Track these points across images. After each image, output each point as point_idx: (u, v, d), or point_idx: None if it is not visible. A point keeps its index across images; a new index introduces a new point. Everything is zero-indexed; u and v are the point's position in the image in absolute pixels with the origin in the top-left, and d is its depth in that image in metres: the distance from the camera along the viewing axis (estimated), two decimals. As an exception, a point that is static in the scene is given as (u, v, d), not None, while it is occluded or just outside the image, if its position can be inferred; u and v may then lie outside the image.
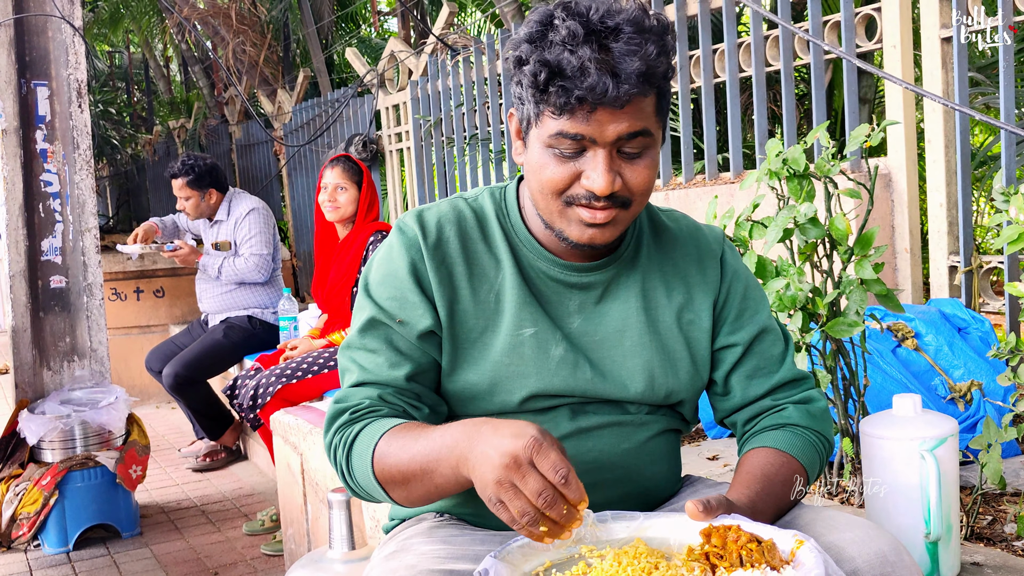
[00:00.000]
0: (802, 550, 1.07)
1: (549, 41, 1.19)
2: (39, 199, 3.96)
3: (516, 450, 1.04)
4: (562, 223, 1.28)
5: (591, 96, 1.16)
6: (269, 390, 3.55)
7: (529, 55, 1.21)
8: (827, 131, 3.87)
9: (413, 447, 1.17)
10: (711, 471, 2.30)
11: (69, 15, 3.97)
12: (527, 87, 1.22)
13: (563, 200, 1.26)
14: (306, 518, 3.06)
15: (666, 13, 3.64)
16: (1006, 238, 1.69)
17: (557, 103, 1.19)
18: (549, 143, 1.23)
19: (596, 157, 1.22)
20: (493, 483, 1.05)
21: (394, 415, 1.28)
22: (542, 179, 1.25)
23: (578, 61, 1.16)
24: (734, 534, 1.09)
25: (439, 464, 1.14)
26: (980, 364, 2.33)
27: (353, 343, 1.34)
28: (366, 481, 1.23)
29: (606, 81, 1.16)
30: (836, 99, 4.79)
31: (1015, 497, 1.98)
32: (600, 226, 1.26)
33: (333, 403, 1.31)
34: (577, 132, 1.20)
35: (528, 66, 1.21)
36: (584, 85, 1.16)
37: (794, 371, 1.43)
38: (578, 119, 1.19)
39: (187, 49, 10.54)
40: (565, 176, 1.23)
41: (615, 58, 1.17)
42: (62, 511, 3.70)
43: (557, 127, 1.21)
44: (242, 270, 4.73)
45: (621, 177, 1.23)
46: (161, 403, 6.49)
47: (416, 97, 5.70)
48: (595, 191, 1.22)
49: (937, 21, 2.77)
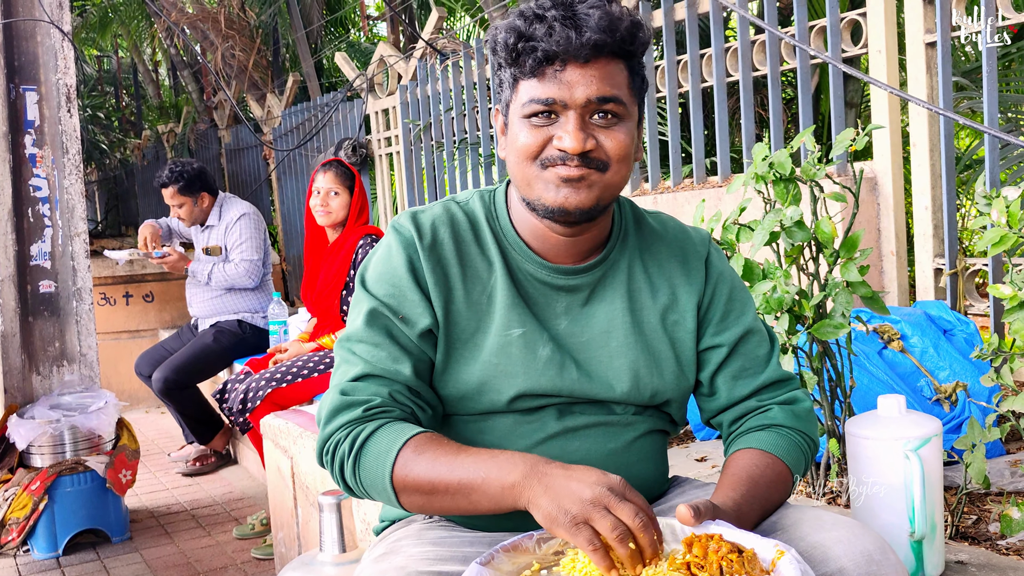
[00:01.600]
0: (783, 561, 1.08)
1: (520, 13, 1.27)
2: (28, 204, 3.95)
3: (611, 483, 1.10)
4: (539, 187, 1.30)
5: (556, 47, 1.23)
6: (259, 394, 3.55)
7: (502, 27, 1.29)
8: (814, 135, 3.90)
9: (453, 461, 1.19)
10: (699, 472, 2.32)
11: (58, 20, 3.97)
12: (501, 55, 1.29)
13: (538, 163, 1.29)
14: (296, 521, 3.06)
15: (653, 18, 3.66)
16: (988, 240, 1.71)
17: (527, 64, 1.25)
18: (524, 112, 1.28)
19: (567, 119, 1.26)
20: (586, 503, 1.08)
21: (404, 416, 1.29)
22: (518, 146, 1.30)
23: (544, 25, 1.24)
24: (715, 544, 1.09)
25: (485, 483, 1.16)
26: (965, 365, 2.35)
27: (353, 335, 1.34)
28: (376, 482, 1.23)
29: (570, 33, 1.23)
30: (823, 103, 4.81)
31: (999, 496, 2.00)
32: (574, 183, 1.27)
33: (338, 393, 1.30)
34: (548, 96, 1.25)
35: (501, 35, 1.28)
36: (550, 40, 1.23)
37: (779, 372, 1.45)
38: (548, 80, 1.25)
39: (176, 53, 10.52)
40: (539, 140, 1.28)
41: (579, 16, 1.24)
42: (51, 516, 3.69)
43: (529, 93, 1.26)
44: (232, 276, 4.73)
45: (595, 140, 1.27)
46: (151, 407, 6.48)
47: (405, 101, 5.71)
48: (567, 149, 1.25)
49: (922, 26, 2.80)
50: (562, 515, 1.08)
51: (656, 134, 3.86)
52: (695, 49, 3.57)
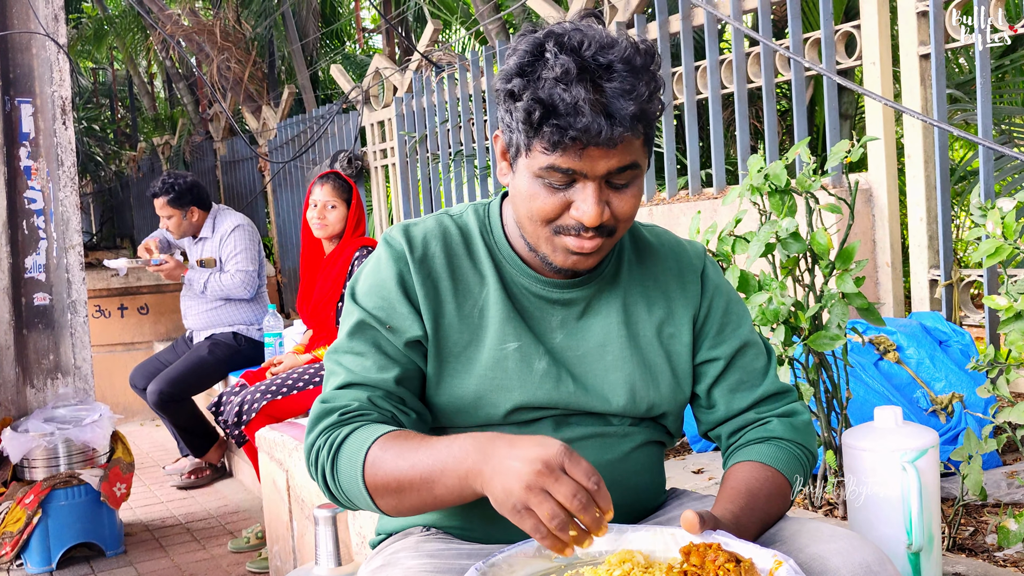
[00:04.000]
0: (780, 571, 1.08)
1: (541, 77, 1.19)
2: (23, 216, 3.95)
3: (548, 456, 1.04)
4: (547, 249, 1.30)
5: (585, 137, 1.18)
6: (254, 406, 3.54)
7: (522, 90, 1.21)
8: (809, 147, 3.90)
9: (413, 455, 1.16)
10: (696, 484, 2.31)
11: (54, 32, 3.97)
12: (519, 121, 1.22)
13: (552, 229, 1.28)
14: (292, 535, 3.05)
15: (648, 30, 3.68)
16: (983, 252, 1.72)
17: (551, 140, 1.20)
18: (539, 174, 1.24)
19: (586, 190, 1.23)
20: (522, 489, 1.03)
21: (383, 420, 1.28)
22: (532, 208, 1.27)
23: (572, 100, 1.17)
24: (713, 553, 1.09)
25: (443, 474, 1.13)
26: (961, 376, 2.35)
27: (340, 347, 1.34)
28: (352, 486, 1.22)
29: (600, 122, 1.17)
30: (818, 115, 4.83)
31: (996, 508, 2.00)
32: (585, 255, 1.29)
33: (318, 403, 1.30)
34: (569, 167, 1.22)
35: (521, 102, 1.21)
36: (578, 126, 1.17)
37: (777, 384, 1.45)
38: (570, 155, 1.20)
39: (171, 66, 10.53)
40: (555, 206, 1.25)
41: (608, 99, 1.18)
42: (45, 530, 3.67)
43: (548, 162, 1.22)
44: (228, 286, 4.72)
45: (609, 207, 1.26)
46: (145, 420, 6.46)
47: (401, 113, 5.71)
48: (585, 223, 1.24)
49: (915, 39, 2.81)
50: (505, 499, 1.04)
51: (652, 148, 3.87)
52: (690, 61, 3.58)
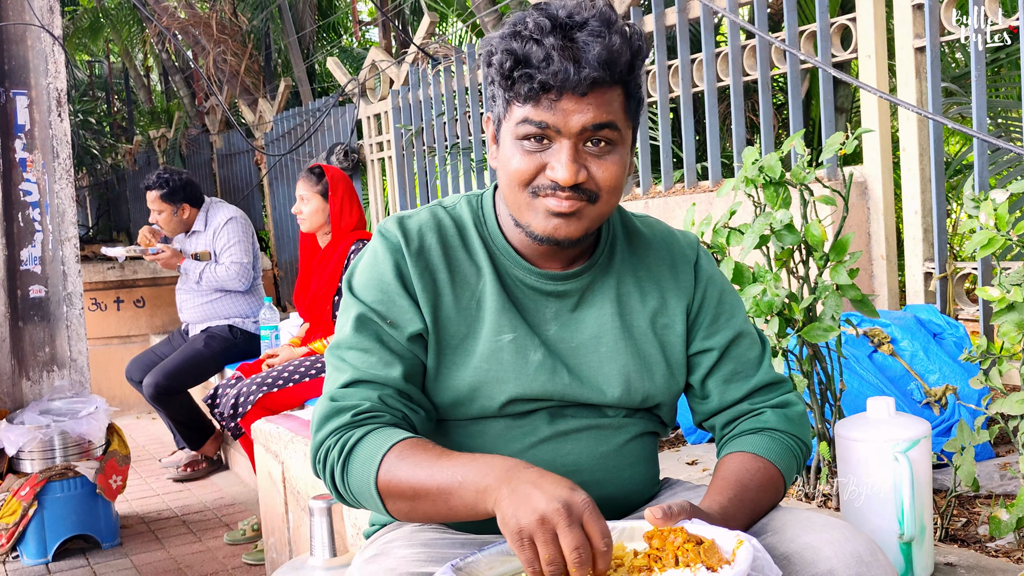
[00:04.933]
0: (742, 550, 1.07)
1: (517, 33, 1.24)
2: (18, 208, 3.94)
3: (572, 502, 1.04)
4: (529, 215, 1.30)
5: (554, 81, 1.20)
6: (250, 399, 3.54)
7: (498, 47, 1.25)
8: (805, 139, 3.91)
9: (433, 466, 1.16)
10: (690, 475, 2.32)
11: (49, 24, 3.97)
12: (496, 78, 1.26)
13: (529, 191, 1.28)
14: (287, 526, 3.05)
15: (644, 23, 3.67)
16: (977, 243, 1.72)
17: (522, 91, 1.23)
18: (517, 134, 1.26)
19: (561, 148, 1.25)
20: (535, 520, 1.03)
21: (395, 421, 1.28)
22: (510, 171, 1.28)
23: (543, 51, 1.20)
24: (674, 536, 1.09)
25: (462, 487, 1.13)
26: (955, 368, 2.36)
27: (343, 342, 1.33)
28: (362, 489, 1.22)
29: (568, 67, 1.20)
30: (813, 108, 4.83)
31: (988, 499, 2.01)
32: (565, 216, 1.28)
33: (328, 400, 1.29)
34: (542, 120, 1.23)
35: (496, 56, 1.25)
36: (548, 70, 1.20)
37: (772, 375, 1.45)
38: (543, 107, 1.23)
39: (167, 59, 10.50)
40: (531, 167, 1.26)
41: (579, 46, 1.21)
42: (41, 522, 3.67)
43: (523, 114, 1.24)
44: (223, 278, 4.72)
45: (587, 170, 1.26)
46: (141, 413, 6.46)
47: (397, 106, 5.71)
48: (559, 181, 1.24)
49: (911, 31, 2.81)
50: (513, 523, 1.04)
51: (647, 139, 3.87)
52: (686, 54, 3.58)
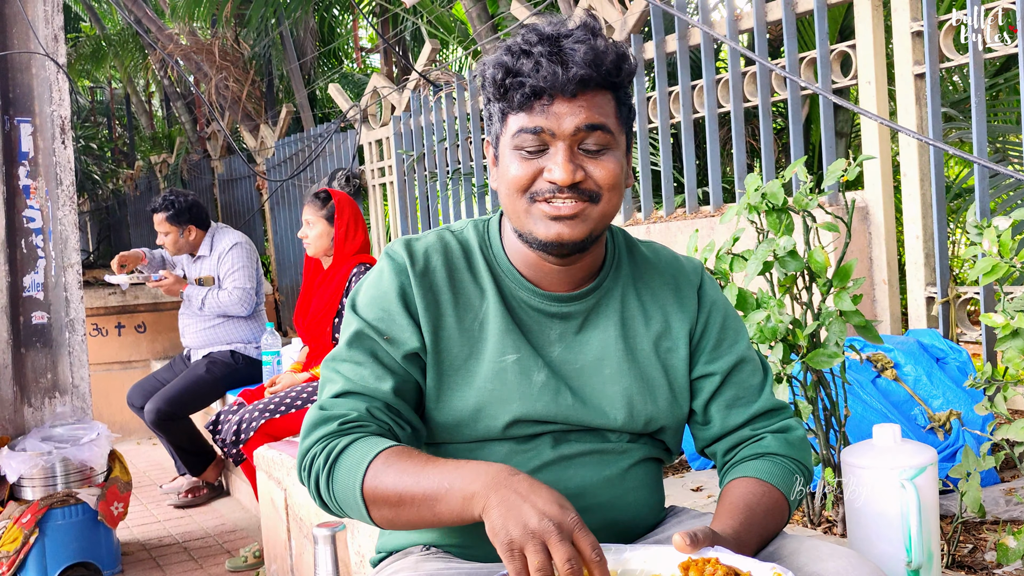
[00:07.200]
0: None
1: (508, 49, 1.29)
2: (21, 235, 3.95)
3: (562, 519, 1.05)
4: (530, 222, 1.31)
5: (544, 84, 1.25)
6: (252, 425, 3.53)
7: (491, 63, 1.31)
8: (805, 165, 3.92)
9: (419, 472, 1.17)
10: (695, 502, 2.31)
11: (53, 52, 3.99)
12: (490, 91, 1.31)
13: (528, 197, 1.30)
14: (290, 554, 3.04)
15: (645, 50, 3.70)
16: (980, 270, 1.72)
17: (515, 99, 1.27)
18: (513, 144, 1.29)
19: (556, 151, 1.27)
20: (525, 532, 1.03)
21: (381, 432, 1.28)
22: (508, 178, 1.31)
23: (532, 60, 1.26)
24: (711, 567, 1.09)
25: (448, 493, 1.13)
26: (958, 394, 2.36)
27: (338, 355, 1.35)
28: (347, 496, 1.22)
29: (556, 69, 1.24)
30: (814, 133, 4.86)
31: (995, 525, 2.00)
32: (566, 219, 1.29)
33: (318, 409, 1.31)
34: (536, 125, 1.26)
35: (489, 71, 1.30)
36: (537, 75, 1.25)
37: (773, 401, 1.45)
38: (536, 112, 1.27)
39: (169, 84, 10.56)
40: (529, 172, 1.29)
41: (565, 51, 1.26)
42: (42, 549, 3.65)
43: (518, 124, 1.28)
44: (225, 303, 4.72)
45: (584, 171, 1.28)
46: (143, 439, 6.44)
47: (399, 132, 5.73)
48: (557, 181, 1.27)
49: (910, 58, 2.83)
50: (503, 534, 1.05)
51: (648, 164, 3.89)
52: (687, 80, 3.60)
